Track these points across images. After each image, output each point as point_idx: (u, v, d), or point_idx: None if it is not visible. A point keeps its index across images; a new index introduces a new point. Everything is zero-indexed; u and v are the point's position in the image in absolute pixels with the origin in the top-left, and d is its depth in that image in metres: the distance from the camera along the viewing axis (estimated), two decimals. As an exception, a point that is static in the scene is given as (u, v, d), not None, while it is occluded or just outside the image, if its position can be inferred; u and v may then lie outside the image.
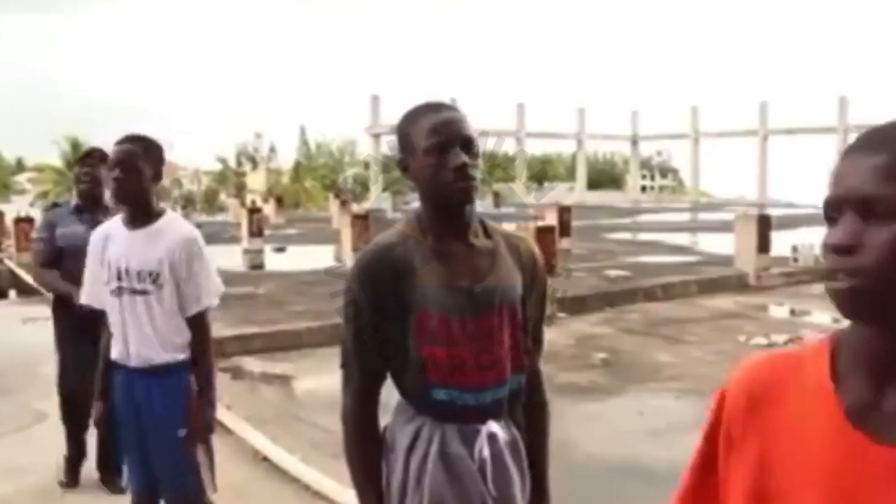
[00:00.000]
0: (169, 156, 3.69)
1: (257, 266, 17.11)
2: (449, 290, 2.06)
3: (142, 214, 3.39)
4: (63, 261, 4.89)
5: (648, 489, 4.53)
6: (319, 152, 79.59)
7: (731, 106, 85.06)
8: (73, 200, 5.15)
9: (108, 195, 4.94)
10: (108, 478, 5.02)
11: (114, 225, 3.48)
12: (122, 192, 3.39)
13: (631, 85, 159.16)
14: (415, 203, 2.19)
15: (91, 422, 4.19)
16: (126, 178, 3.35)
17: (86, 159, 5.18)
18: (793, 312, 11.60)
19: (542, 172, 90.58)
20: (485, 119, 53.97)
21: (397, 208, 34.85)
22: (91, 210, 5.02)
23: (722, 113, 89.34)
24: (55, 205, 5.57)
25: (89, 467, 5.18)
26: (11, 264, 16.50)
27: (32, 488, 5.12)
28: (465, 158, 2.02)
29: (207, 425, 3.46)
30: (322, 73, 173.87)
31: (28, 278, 14.54)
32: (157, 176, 3.44)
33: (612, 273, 14.13)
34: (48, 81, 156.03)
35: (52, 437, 6.05)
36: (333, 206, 30.46)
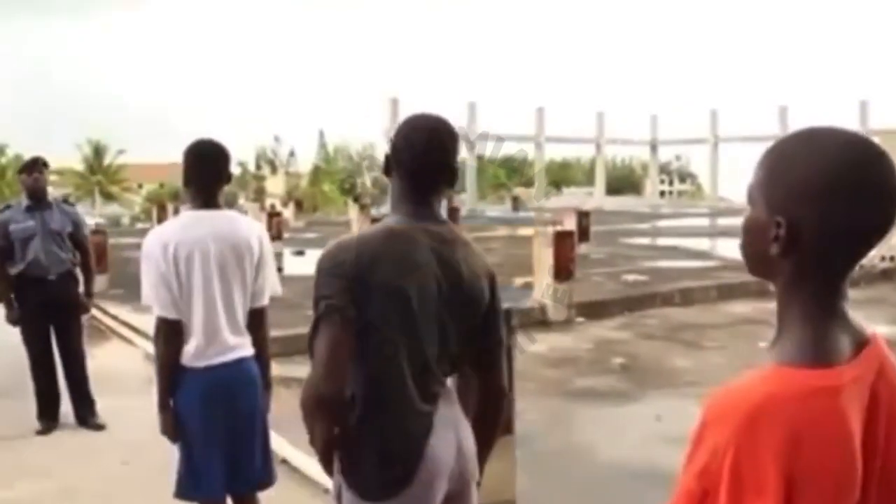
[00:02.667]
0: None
1: (276, 269, 17.13)
2: None
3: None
4: (14, 249, 6.07)
5: (666, 495, 4.52)
6: (338, 156, 79.90)
7: (751, 111, 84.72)
8: (24, 202, 6.15)
9: (50, 194, 6.39)
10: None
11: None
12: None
13: (650, 90, 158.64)
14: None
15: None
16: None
17: (32, 168, 6.16)
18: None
19: (560, 177, 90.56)
20: (504, 123, 54.16)
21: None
22: (39, 208, 6.13)
23: (741, 118, 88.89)
24: (7, 206, 6.52)
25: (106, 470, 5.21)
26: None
27: (57, 489, 5.17)
28: None
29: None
30: (341, 77, 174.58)
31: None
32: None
33: (631, 278, 14.09)
34: (69, 84, 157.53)
35: (73, 438, 6.13)
36: (352, 209, 30.54)
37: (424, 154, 2.20)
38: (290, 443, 5.67)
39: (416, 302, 2.11)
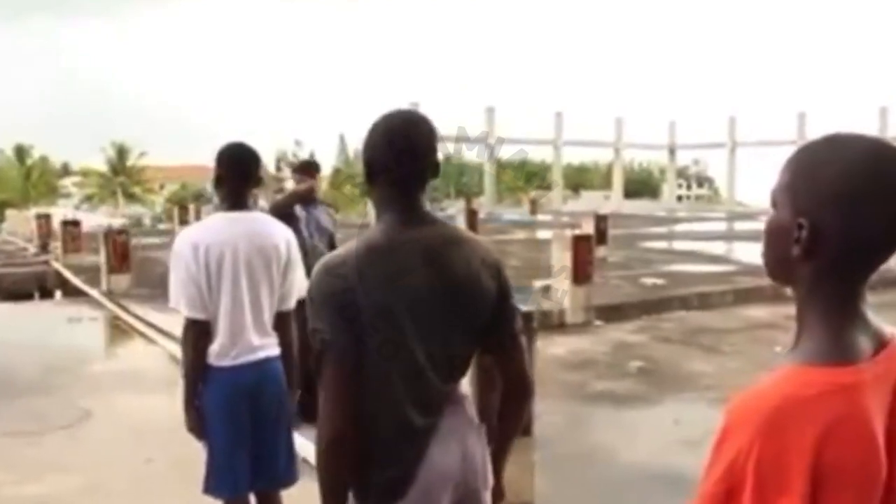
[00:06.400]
0: (210, 162, 3.83)
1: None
2: None
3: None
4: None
5: (684, 499, 4.54)
6: (358, 159, 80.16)
7: (769, 116, 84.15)
8: None
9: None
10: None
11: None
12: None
13: (668, 94, 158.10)
14: (450, 209, 2.26)
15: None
16: None
17: (308, 170, 6.60)
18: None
19: (578, 181, 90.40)
20: (522, 127, 54.11)
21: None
22: (309, 206, 6.45)
23: (759, 123, 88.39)
24: None
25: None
26: (58, 265, 16.83)
27: (77, 485, 5.25)
28: None
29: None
30: (362, 81, 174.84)
31: (74, 279, 14.84)
32: None
33: (649, 281, 14.08)
34: (92, 86, 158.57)
35: (97, 435, 6.22)
36: (372, 212, 30.62)
37: (410, 155, 2.09)
38: (312, 442, 5.74)
39: (409, 322, 2.04)
